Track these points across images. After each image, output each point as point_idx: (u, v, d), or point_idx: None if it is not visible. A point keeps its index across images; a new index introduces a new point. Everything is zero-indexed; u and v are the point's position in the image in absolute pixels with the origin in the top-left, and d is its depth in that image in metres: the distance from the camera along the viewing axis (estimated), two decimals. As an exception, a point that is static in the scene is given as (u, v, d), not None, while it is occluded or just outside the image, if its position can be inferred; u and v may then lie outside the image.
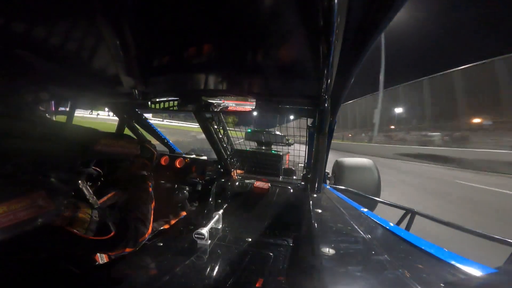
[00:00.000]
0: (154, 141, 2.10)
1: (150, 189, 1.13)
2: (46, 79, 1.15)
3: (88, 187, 0.95)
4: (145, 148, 1.25)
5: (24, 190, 0.65)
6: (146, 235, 0.97)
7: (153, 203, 1.10)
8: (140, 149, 1.23)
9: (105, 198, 1.08)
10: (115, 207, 0.99)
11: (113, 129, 1.73)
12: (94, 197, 0.98)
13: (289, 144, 2.17)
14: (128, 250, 0.89)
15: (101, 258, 0.97)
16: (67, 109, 1.54)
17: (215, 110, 1.19)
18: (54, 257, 0.77)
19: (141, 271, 0.94)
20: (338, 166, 2.62)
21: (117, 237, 0.86)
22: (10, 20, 0.70)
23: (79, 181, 0.93)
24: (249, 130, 2.39)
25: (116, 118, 1.81)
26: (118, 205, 1.00)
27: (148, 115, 2.04)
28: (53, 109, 1.47)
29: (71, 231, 0.74)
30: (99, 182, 1.18)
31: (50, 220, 0.69)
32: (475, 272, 0.51)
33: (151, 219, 1.03)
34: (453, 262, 0.55)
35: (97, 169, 1.18)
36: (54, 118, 1.42)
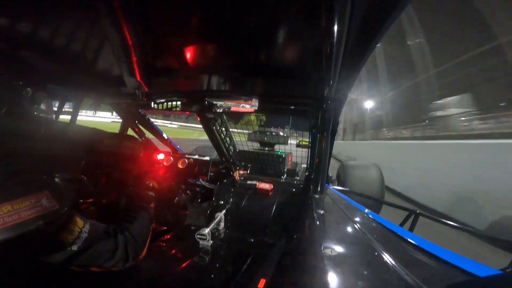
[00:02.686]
0: (156, 141, 2.12)
1: (152, 210, 1.10)
2: (50, 80, 1.16)
3: (90, 186, 0.96)
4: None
5: (28, 189, 0.66)
6: (140, 257, 0.93)
7: (153, 224, 1.06)
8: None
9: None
10: (111, 223, 0.94)
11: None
12: (95, 196, 0.98)
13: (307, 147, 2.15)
14: (113, 269, 0.85)
15: None
16: (71, 109, 1.55)
17: (218, 110, 1.19)
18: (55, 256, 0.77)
19: (143, 271, 0.94)
20: (343, 168, 2.63)
21: (106, 255, 0.83)
22: (15, 21, 0.71)
23: (83, 181, 0.93)
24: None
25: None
26: (115, 222, 0.95)
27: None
28: (57, 109, 1.49)
29: (59, 240, 0.72)
30: (103, 182, 1.19)
31: (53, 220, 0.69)
32: (480, 273, 0.51)
33: (148, 241, 0.98)
34: (457, 264, 0.54)
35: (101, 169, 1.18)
36: (58, 119, 1.44)
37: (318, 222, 0.85)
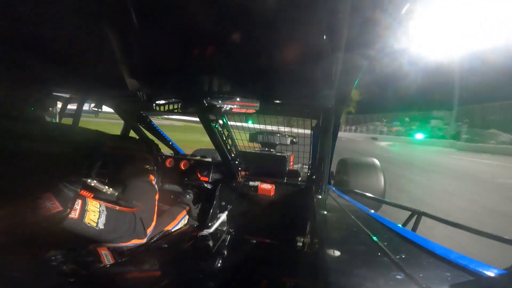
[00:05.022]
0: (157, 142, 2.12)
1: (153, 182, 1.17)
2: (52, 82, 1.16)
3: (94, 187, 0.96)
4: (147, 145, 1.30)
5: (31, 192, 0.66)
6: (152, 226, 1.01)
7: (157, 194, 1.14)
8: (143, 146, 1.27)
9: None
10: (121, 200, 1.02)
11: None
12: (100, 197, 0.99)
13: (293, 143, 2.16)
14: (137, 241, 0.94)
15: (107, 258, 0.98)
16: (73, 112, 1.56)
17: (219, 111, 1.19)
18: (59, 257, 0.78)
19: (145, 272, 0.94)
20: (342, 164, 2.63)
21: (128, 229, 0.90)
22: (15, 23, 0.71)
23: (86, 182, 0.94)
24: (250, 121, 2.31)
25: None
26: (122, 198, 1.03)
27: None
28: (59, 111, 1.49)
29: (86, 223, 0.77)
30: (106, 182, 1.20)
31: (56, 221, 0.69)
32: (483, 273, 0.50)
33: (155, 210, 1.07)
34: (460, 264, 0.54)
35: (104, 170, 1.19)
36: (60, 121, 1.44)
37: (320, 223, 0.85)
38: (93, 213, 0.81)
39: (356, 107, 42.70)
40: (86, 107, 1.52)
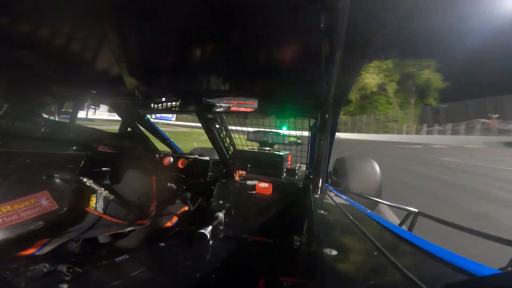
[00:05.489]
0: (156, 142, 2.12)
1: (148, 166, 1.21)
2: (50, 80, 1.15)
3: (92, 186, 0.96)
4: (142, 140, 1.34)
5: (28, 190, 0.66)
6: (153, 207, 1.06)
7: (154, 178, 1.18)
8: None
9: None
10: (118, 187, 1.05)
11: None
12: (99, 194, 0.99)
13: (297, 144, 2.17)
14: (141, 222, 0.99)
15: (106, 249, 1.01)
16: (71, 109, 1.55)
17: (217, 110, 1.19)
18: (57, 254, 0.78)
19: (143, 271, 0.94)
20: (339, 164, 2.64)
21: (128, 212, 0.94)
22: (15, 21, 0.71)
23: (83, 180, 0.94)
24: (285, 127, 2.24)
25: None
26: (120, 184, 1.06)
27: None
28: (57, 109, 1.48)
29: (89, 210, 0.80)
30: (103, 181, 1.19)
31: (53, 219, 0.69)
32: (479, 273, 0.51)
33: (154, 191, 1.10)
34: (456, 263, 0.54)
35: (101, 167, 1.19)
36: (57, 119, 1.43)
37: (317, 222, 0.85)
38: (91, 198, 0.85)
39: (439, 99, 29.40)
40: (83, 114, 1.53)
